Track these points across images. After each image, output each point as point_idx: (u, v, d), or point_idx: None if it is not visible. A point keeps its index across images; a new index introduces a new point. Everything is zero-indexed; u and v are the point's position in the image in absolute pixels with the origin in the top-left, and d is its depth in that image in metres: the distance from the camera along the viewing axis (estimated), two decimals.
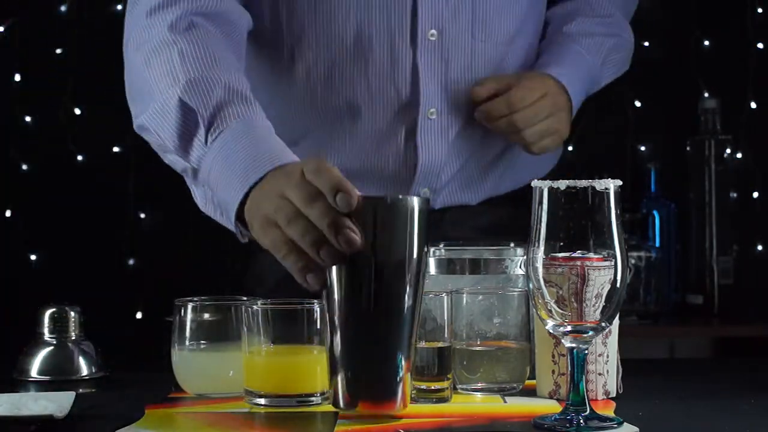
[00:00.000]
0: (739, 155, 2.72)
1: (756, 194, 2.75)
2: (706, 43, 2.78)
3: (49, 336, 1.41)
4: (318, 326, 1.19)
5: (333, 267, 1.10)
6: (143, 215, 2.76)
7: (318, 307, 1.18)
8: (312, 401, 1.20)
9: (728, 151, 2.63)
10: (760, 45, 2.77)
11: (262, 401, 1.20)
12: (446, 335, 1.22)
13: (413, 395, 1.17)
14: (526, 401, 1.22)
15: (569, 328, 1.09)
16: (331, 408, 1.14)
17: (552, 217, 1.08)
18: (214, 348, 1.26)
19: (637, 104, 2.75)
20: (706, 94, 2.71)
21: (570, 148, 2.60)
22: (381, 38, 1.56)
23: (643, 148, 2.78)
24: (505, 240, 1.38)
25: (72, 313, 1.42)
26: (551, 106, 1.60)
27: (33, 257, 2.74)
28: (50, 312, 1.41)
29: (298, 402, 1.19)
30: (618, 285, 1.08)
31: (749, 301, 2.61)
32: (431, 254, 1.34)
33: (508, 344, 1.26)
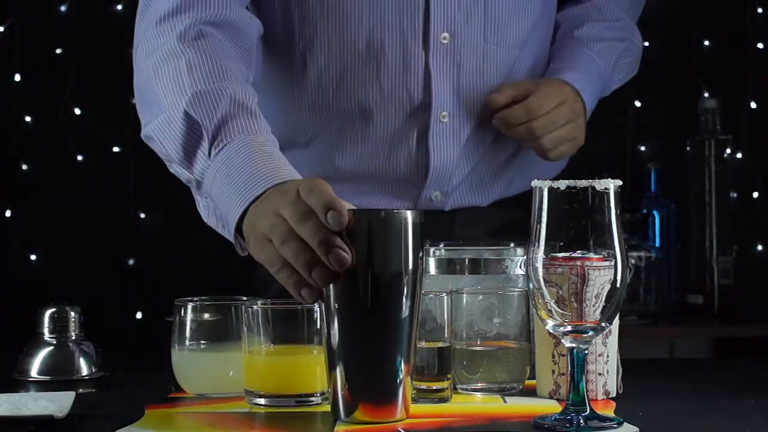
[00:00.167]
0: (739, 155, 2.73)
1: (756, 194, 2.75)
2: (706, 43, 2.78)
3: (49, 336, 1.41)
4: (318, 326, 1.19)
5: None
6: (143, 215, 2.77)
7: (318, 308, 1.18)
8: (312, 401, 1.20)
9: (728, 151, 2.63)
10: (760, 45, 2.77)
11: (262, 401, 1.20)
12: (446, 335, 1.22)
13: (413, 395, 1.17)
14: (526, 401, 1.22)
15: (569, 328, 1.09)
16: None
17: (552, 217, 1.08)
18: (214, 348, 1.26)
19: (637, 104, 2.75)
20: (706, 94, 2.71)
21: None
22: (393, 41, 1.56)
23: (643, 148, 2.78)
24: (516, 241, 1.37)
25: (72, 313, 1.42)
26: (569, 113, 1.60)
27: (33, 257, 2.74)
28: (50, 312, 1.41)
29: (298, 402, 1.19)
30: (618, 285, 1.08)
31: (749, 301, 2.61)
32: (431, 254, 1.35)
33: (508, 344, 1.26)
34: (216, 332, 1.27)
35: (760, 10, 2.77)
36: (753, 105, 2.75)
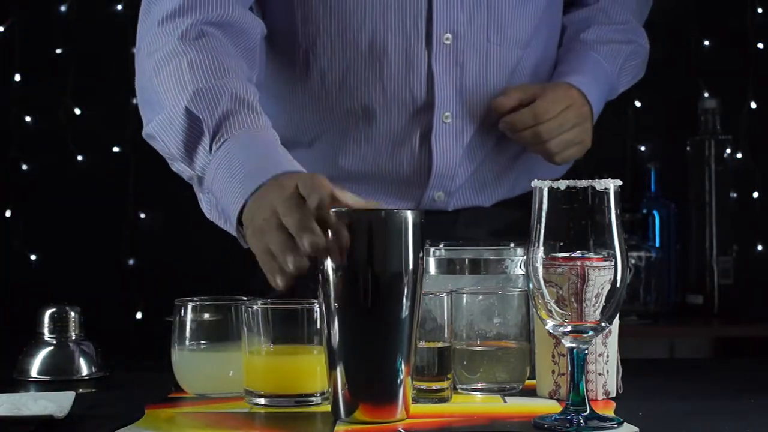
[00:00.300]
0: (739, 155, 2.72)
1: (756, 194, 2.75)
2: (706, 43, 2.78)
3: (49, 336, 1.41)
4: (318, 326, 1.19)
5: (330, 278, 1.11)
6: (143, 215, 2.76)
7: (318, 308, 1.18)
8: (312, 401, 1.20)
9: (728, 151, 2.63)
10: (760, 45, 2.77)
11: (262, 401, 1.20)
12: (446, 335, 1.22)
13: (413, 395, 1.17)
14: (526, 401, 1.22)
15: (569, 328, 1.09)
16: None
17: (552, 217, 1.08)
18: (214, 348, 1.26)
19: (637, 104, 2.75)
20: (706, 94, 2.71)
21: None
22: (396, 42, 1.56)
23: (643, 148, 2.78)
24: (516, 241, 1.37)
25: (72, 313, 1.42)
26: (576, 117, 1.59)
27: (33, 257, 2.74)
28: (50, 312, 1.41)
29: (298, 402, 1.19)
30: (618, 285, 1.08)
31: (749, 301, 2.61)
32: (431, 254, 1.35)
33: (508, 344, 1.26)
34: (216, 332, 1.27)
35: (760, 10, 2.77)
36: (753, 105, 2.75)
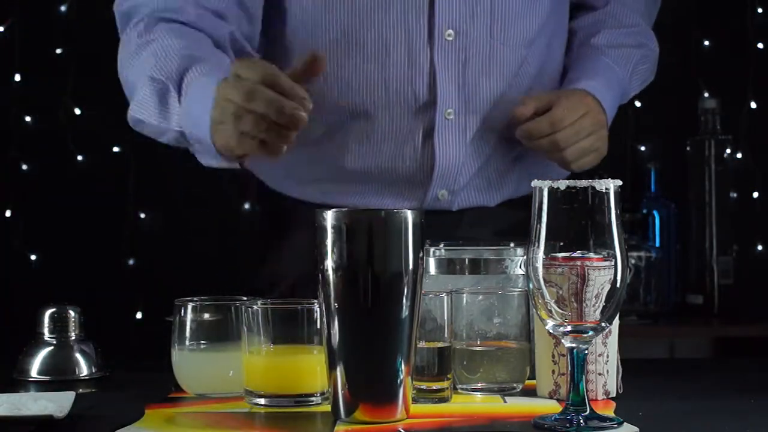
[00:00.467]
0: (739, 155, 2.73)
1: (756, 194, 2.75)
2: (707, 43, 2.78)
3: (49, 336, 1.41)
4: (318, 326, 1.19)
5: (330, 278, 1.11)
6: (143, 215, 2.76)
7: (318, 308, 1.18)
8: (312, 401, 1.20)
9: (728, 151, 2.63)
10: (760, 45, 2.77)
11: (262, 401, 1.20)
12: (446, 335, 1.22)
13: (413, 395, 1.17)
14: (526, 401, 1.22)
15: (569, 328, 1.09)
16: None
17: (552, 217, 1.08)
18: (214, 348, 1.26)
19: (637, 104, 2.75)
20: (706, 94, 2.71)
21: None
22: (398, 39, 1.56)
23: (643, 148, 2.78)
24: (516, 241, 1.37)
25: (72, 313, 1.41)
26: (592, 125, 1.59)
27: (33, 257, 2.74)
28: (50, 312, 1.41)
29: (298, 402, 1.19)
30: (618, 285, 1.08)
31: (749, 301, 2.61)
32: (431, 254, 1.35)
33: (508, 344, 1.26)
34: (216, 332, 1.27)
35: (760, 10, 2.77)
36: (753, 105, 2.75)
